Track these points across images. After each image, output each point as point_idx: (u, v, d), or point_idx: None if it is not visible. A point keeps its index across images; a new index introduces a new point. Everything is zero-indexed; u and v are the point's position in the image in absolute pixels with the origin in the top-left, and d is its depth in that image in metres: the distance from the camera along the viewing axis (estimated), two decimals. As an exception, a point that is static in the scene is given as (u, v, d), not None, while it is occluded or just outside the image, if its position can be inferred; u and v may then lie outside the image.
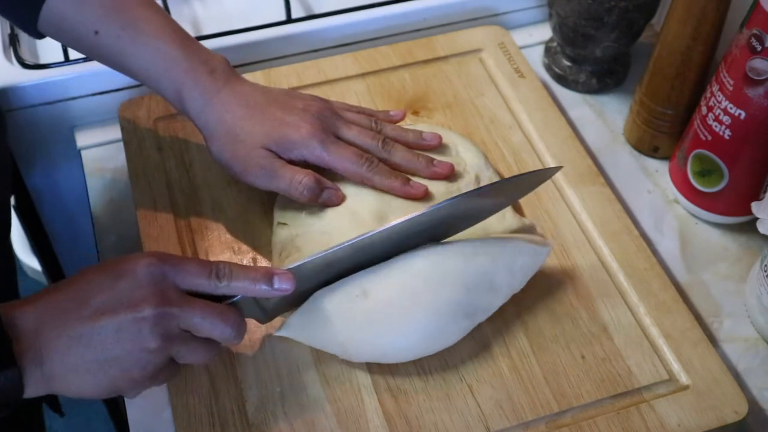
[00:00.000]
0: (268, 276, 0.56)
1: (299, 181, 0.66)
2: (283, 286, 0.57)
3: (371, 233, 0.60)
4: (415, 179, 0.69)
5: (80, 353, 0.51)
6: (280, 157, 0.66)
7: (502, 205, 0.67)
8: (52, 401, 0.86)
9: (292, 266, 0.58)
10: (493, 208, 0.66)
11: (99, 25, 0.65)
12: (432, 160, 0.70)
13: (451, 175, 0.70)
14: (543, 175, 0.67)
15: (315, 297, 0.63)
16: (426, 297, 0.62)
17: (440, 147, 0.72)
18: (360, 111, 0.72)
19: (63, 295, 0.53)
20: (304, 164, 0.67)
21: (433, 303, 0.61)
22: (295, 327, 0.63)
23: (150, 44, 0.65)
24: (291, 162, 0.67)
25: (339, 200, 0.67)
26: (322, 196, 0.67)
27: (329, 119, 0.68)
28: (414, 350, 0.62)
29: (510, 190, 0.66)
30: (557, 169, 0.67)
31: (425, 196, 0.68)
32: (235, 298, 0.57)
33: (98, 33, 0.65)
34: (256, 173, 0.66)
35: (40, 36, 0.67)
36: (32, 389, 0.51)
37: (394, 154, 0.69)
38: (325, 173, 0.68)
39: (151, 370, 0.53)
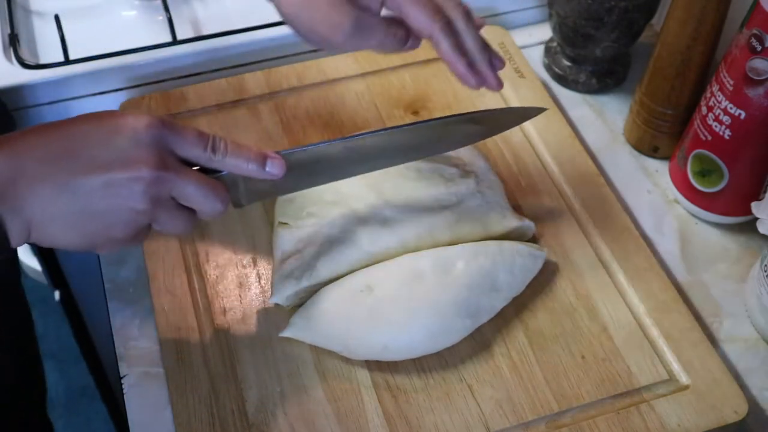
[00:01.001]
0: (262, 157, 0.55)
1: (393, 33, 0.60)
2: (274, 170, 0.56)
3: (361, 134, 0.60)
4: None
5: (65, 204, 0.50)
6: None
7: (483, 133, 0.65)
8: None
9: (284, 152, 0.58)
10: (473, 135, 0.65)
11: None
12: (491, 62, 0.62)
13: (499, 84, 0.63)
14: (526, 113, 0.66)
15: (318, 294, 0.63)
16: (429, 295, 0.62)
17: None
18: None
19: (49, 141, 0.50)
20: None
21: (436, 301, 0.62)
22: (298, 327, 0.63)
23: None
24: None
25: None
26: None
27: None
28: (416, 348, 0.63)
29: (490, 120, 0.64)
30: (541, 109, 0.66)
31: (478, 88, 0.62)
32: (221, 173, 0.56)
33: None
34: (345, 29, 0.58)
35: None
36: (16, 239, 0.50)
37: (467, 37, 0.61)
38: None
39: (132, 231, 0.53)
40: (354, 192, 0.68)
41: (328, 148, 0.59)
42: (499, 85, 0.62)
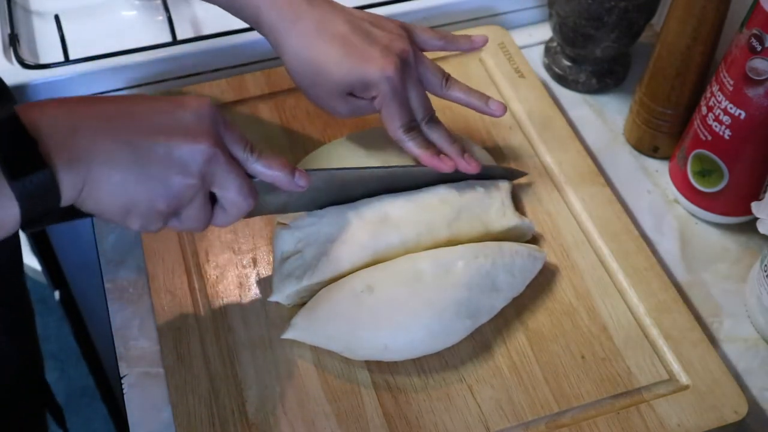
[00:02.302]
0: (290, 169, 0.58)
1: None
2: (301, 182, 0.58)
3: (385, 167, 0.66)
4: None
5: (123, 161, 0.49)
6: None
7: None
8: (58, 415, 0.85)
9: (310, 170, 0.61)
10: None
11: None
12: (464, 152, 0.69)
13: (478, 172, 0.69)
14: (510, 174, 0.73)
15: (319, 295, 0.63)
16: (429, 295, 0.62)
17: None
18: (443, 44, 0.71)
19: (114, 103, 0.51)
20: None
21: (436, 301, 0.62)
22: (299, 328, 0.63)
23: None
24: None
25: None
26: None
27: (406, 65, 0.65)
28: (416, 348, 0.63)
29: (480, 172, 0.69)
30: (521, 173, 0.74)
31: (452, 170, 0.68)
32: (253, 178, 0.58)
33: None
34: (340, 112, 0.67)
35: None
36: (68, 194, 0.48)
37: (433, 134, 0.68)
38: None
39: (174, 206, 0.53)
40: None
41: (344, 174, 0.64)
42: (474, 168, 0.68)
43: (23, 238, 1.00)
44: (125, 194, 0.50)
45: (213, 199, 0.56)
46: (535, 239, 0.71)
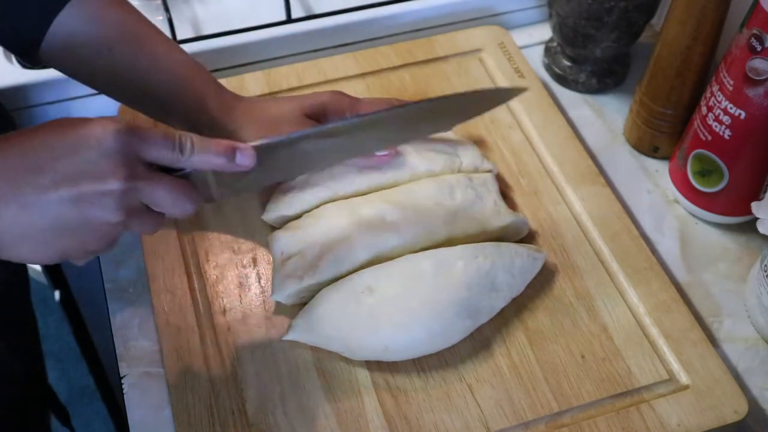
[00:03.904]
0: (230, 149, 0.54)
1: None
2: (244, 161, 0.54)
3: (335, 123, 0.59)
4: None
5: (33, 222, 0.48)
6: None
7: (461, 115, 0.66)
8: (63, 416, 0.85)
9: (255, 143, 0.55)
10: (451, 118, 0.65)
11: (114, 41, 0.64)
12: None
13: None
14: (503, 94, 0.67)
15: (319, 296, 0.63)
16: (429, 296, 0.62)
17: (436, 143, 0.73)
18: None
19: (11, 156, 0.48)
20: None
21: (436, 301, 0.62)
22: (300, 329, 0.63)
23: (170, 54, 0.65)
24: None
25: None
26: None
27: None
28: (416, 348, 0.63)
29: (467, 102, 0.65)
30: (521, 90, 0.67)
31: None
32: (185, 170, 0.54)
33: (112, 49, 0.64)
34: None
35: (38, 61, 0.65)
36: None
37: None
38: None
39: (107, 241, 0.51)
40: (351, 191, 0.69)
41: (300, 136, 0.57)
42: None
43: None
44: (49, 249, 0.49)
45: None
46: (534, 238, 0.71)
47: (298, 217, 0.69)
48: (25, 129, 0.49)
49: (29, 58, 0.65)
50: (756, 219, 0.64)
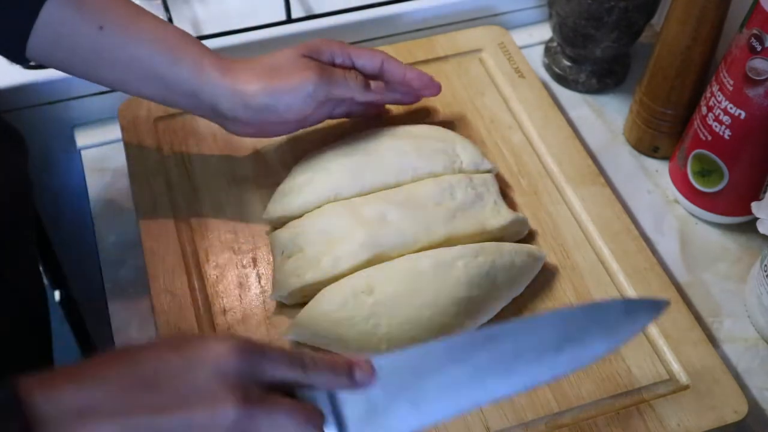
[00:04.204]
0: (346, 368, 0.49)
1: (354, 76, 0.70)
2: (364, 379, 0.48)
3: (465, 335, 0.55)
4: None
5: None
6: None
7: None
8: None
9: (376, 358, 0.50)
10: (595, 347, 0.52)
11: (103, 19, 0.63)
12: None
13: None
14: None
15: (319, 296, 0.63)
16: (430, 295, 0.62)
17: (435, 143, 0.73)
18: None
19: (125, 371, 0.45)
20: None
21: (436, 301, 0.62)
22: (300, 330, 0.63)
23: (159, 26, 0.65)
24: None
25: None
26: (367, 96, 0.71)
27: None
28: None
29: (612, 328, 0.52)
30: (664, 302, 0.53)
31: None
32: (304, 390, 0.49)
33: (103, 28, 0.63)
34: (308, 82, 0.67)
35: (24, 59, 0.64)
36: None
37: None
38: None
39: None
40: (353, 189, 0.69)
41: (428, 349, 0.50)
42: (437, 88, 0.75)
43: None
44: None
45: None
46: (534, 238, 0.71)
47: (298, 216, 0.69)
48: (142, 345, 0.47)
49: (16, 56, 0.64)
50: (756, 219, 0.64)
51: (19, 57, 0.64)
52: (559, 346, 0.49)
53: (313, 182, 0.70)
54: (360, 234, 0.65)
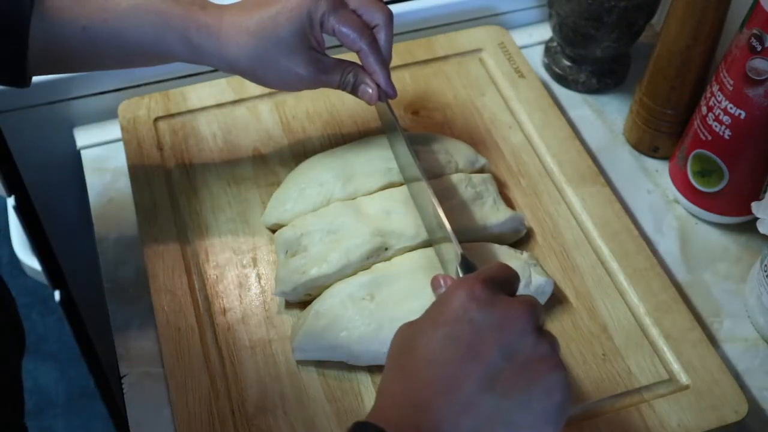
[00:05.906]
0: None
1: (350, 71, 0.67)
2: None
3: None
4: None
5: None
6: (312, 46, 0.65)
7: None
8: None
9: None
10: None
11: (82, 18, 0.63)
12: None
13: None
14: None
15: (319, 307, 0.63)
16: (430, 298, 0.62)
17: (431, 146, 0.73)
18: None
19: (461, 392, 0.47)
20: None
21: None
22: (305, 348, 0.63)
23: (139, 7, 0.64)
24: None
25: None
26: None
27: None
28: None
29: None
30: None
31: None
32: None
33: (85, 28, 0.63)
34: (304, 75, 0.65)
35: (27, 81, 0.65)
36: None
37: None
38: None
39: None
40: (356, 189, 0.69)
41: None
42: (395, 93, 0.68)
43: (23, 238, 1.00)
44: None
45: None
46: (534, 238, 0.71)
47: (299, 216, 0.69)
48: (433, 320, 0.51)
49: (17, 81, 0.65)
50: (756, 219, 0.64)
51: (21, 81, 0.65)
52: None
53: (314, 183, 0.70)
54: (364, 231, 0.65)
